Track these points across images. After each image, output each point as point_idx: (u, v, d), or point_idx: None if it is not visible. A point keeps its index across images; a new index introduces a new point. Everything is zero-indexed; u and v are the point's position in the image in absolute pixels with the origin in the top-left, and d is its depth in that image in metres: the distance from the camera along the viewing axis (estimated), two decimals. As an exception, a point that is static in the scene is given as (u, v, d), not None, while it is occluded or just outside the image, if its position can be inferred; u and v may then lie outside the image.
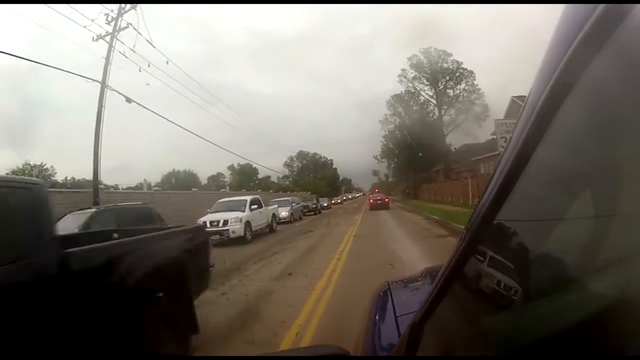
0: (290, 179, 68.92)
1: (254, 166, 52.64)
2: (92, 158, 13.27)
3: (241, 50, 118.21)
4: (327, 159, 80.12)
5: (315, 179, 69.12)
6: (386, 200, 28.75)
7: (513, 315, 0.48)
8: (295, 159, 74.11)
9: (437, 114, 40.60)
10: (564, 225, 0.43)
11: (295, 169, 74.96)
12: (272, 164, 68.48)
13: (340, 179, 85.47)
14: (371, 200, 29.22)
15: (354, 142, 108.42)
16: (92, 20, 13.00)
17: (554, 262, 0.43)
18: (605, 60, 0.33)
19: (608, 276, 0.35)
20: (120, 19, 13.39)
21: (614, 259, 0.35)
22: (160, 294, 2.86)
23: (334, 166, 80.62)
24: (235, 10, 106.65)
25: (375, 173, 79.03)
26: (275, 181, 62.31)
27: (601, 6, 0.33)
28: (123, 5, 13.46)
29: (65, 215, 7.42)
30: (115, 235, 3.95)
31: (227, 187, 44.07)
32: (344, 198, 61.13)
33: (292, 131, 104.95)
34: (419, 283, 1.74)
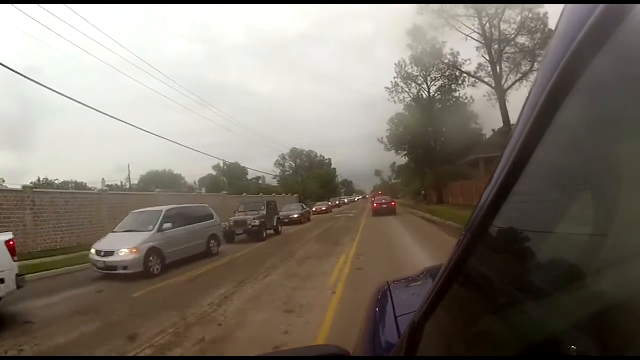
0: (280, 179, 58.26)
1: (242, 166, 48.06)
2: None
3: (242, 50, 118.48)
4: (324, 157, 71.93)
5: (303, 179, 57.04)
6: (392, 204, 24.21)
7: (513, 316, 0.48)
8: (288, 158, 64.94)
9: (480, 63, 24.65)
10: (563, 225, 0.43)
11: (288, 169, 65.64)
12: (271, 165, 62.89)
13: (338, 180, 76.35)
14: (375, 205, 24.55)
15: (356, 143, 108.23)
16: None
17: (554, 263, 0.43)
18: (605, 60, 0.33)
19: (608, 277, 0.35)
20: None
21: (614, 260, 0.35)
22: None
23: (332, 166, 72.46)
24: (236, 9, 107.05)
25: (377, 173, 71.87)
26: (270, 183, 53.88)
27: (601, 6, 0.33)
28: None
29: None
30: None
31: (203, 190, 38.80)
32: (336, 203, 45.77)
33: (293, 132, 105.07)
34: (419, 283, 1.74)
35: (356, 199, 74.88)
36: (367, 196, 78.74)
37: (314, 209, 32.04)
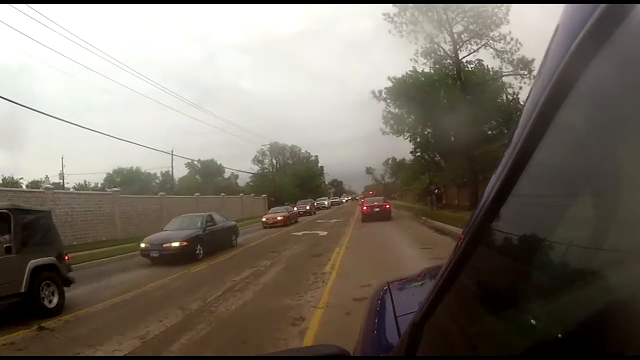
0: (255, 178, 50.53)
1: (219, 164, 44.35)
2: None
3: (235, 48, 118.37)
4: (309, 154, 64.24)
5: (274, 176, 48.63)
6: (386, 206, 18.85)
7: (513, 316, 0.48)
8: (268, 154, 56.71)
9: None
10: (563, 225, 0.43)
11: (268, 166, 57.47)
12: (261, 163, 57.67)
13: (324, 178, 67.58)
14: (365, 208, 19.00)
15: (348, 143, 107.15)
16: None
17: (554, 263, 0.43)
18: (605, 60, 0.33)
19: (608, 277, 0.34)
20: None
21: (614, 260, 0.35)
22: None
23: (320, 164, 64.70)
24: (233, 8, 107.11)
25: (369, 171, 65.44)
26: (249, 181, 48.78)
27: (601, 6, 0.33)
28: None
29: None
30: None
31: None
32: (306, 208, 28.82)
33: (288, 131, 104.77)
34: (419, 283, 1.74)
35: (344, 200, 62.88)
36: (357, 197, 67.25)
37: (263, 219, 20.25)
